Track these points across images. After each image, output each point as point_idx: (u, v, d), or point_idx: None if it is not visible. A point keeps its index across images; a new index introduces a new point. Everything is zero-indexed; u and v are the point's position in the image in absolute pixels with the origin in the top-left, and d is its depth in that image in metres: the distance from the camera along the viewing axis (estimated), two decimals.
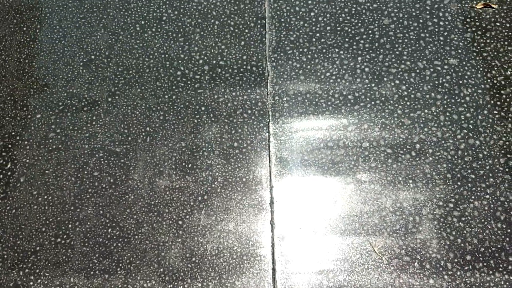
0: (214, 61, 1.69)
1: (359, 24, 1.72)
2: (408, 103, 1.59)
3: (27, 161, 1.57)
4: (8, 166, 1.56)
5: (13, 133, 1.62)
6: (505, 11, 1.72)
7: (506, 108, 1.56)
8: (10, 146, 1.60)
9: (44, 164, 1.56)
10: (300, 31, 1.72)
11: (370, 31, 1.71)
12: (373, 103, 1.59)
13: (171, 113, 1.61)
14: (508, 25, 1.69)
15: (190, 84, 1.66)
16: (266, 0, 1.78)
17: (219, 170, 1.52)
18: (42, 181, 1.54)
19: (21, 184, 1.54)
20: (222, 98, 1.63)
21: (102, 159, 1.56)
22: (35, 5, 1.84)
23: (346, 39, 1.70)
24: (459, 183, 1.47)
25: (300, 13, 1.75)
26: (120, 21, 1.78)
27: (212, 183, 1.50)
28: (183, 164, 1.53)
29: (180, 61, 1.70)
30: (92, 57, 1.72)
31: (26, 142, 1.60)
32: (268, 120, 1.59)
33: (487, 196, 1.44)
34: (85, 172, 1.54)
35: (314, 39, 1.70)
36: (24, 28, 1.80)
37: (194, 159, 1.54)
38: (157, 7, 1.80)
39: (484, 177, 1.47)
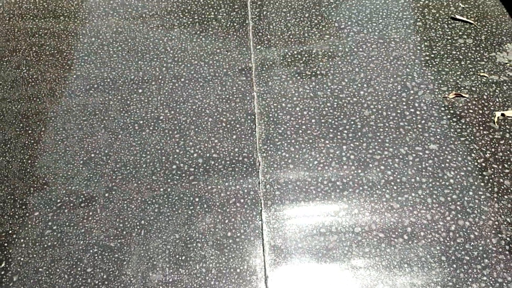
0: (208, 154, 1.78)
1: (342, 116, 1.85)
2: (395, 187, 1.64)
3: (22, 259, 1.57)
4: (2, 265, 1.56)
5: (10, 232, 1.64)
6: (476, 99, 1.86)
7: (490, 189, 1.61)
8: (6, 244, 1.61)
9: (39, 261, 1.56)
10: (287, 124, 1.84)
11: (352, 122, 1.83)
12: (361, 188, 1.65)
13: (166, 205, 1.66)
14: (480, 111, 1.82)
15: (184, 177, 1.72)
16: (254, 98, 1.94)
17: (212, 261, 1.51)
18: (35, 280, 1.52)
19: (13, 283, 1.52)
20: (215, 188, 1.68)
21: (96, 255, 1.56)
22: (42, 110, 1.98)
23: (331, 130, 1.81)
24: (454, 266, 1.46)
25: (287, 108, 1.89)
26: (120, 122, 1.91)
27: (206, 275, 1.49)
28: (177, 256, 1.53)
29: (175, 156, 1.79)
30: (92, 155, 1.82)
31: (22, 240, 1.61)
32: (260, 209, 1.63)
33: (484, 278, 1.43)
34: (79, 269, 1.53)
35: (300, 131, 1.82)
36: (30, 131, 1.92)
37: (188, 251, 1.54)
38: (155, 108, 1.94)
39: (479, 258, 1.47)
